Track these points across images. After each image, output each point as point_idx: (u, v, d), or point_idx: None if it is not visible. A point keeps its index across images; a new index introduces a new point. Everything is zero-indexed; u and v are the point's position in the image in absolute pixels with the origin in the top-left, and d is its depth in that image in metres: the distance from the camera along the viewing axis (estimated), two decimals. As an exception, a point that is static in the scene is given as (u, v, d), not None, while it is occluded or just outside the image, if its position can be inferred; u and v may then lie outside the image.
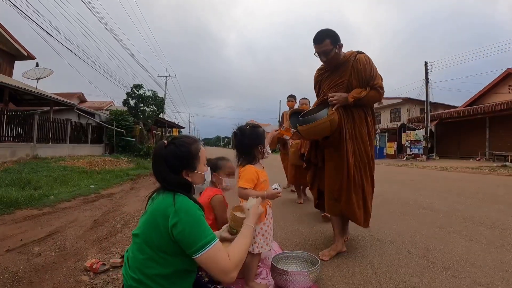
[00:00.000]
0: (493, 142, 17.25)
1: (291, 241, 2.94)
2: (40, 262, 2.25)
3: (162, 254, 1.23)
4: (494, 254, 2.62)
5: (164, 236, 1.22)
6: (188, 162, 1.37)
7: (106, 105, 26.78)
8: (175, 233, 1.20)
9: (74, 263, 2.26)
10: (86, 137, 14.02)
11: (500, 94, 18.93)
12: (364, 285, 2.03)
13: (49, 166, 7.94)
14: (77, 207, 4.17)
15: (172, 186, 1.32)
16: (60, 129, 12.07)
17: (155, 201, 1.31)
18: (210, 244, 1.21)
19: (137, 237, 1.28)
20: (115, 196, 5.21)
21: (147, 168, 10.84)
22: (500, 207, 4.59)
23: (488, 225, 3.56)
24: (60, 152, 11.46)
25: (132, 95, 19.84)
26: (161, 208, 1.25)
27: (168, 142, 1.38)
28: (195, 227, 1.21)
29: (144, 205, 1.45)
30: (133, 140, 16.23)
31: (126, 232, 3.15)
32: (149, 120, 20.86)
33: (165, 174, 1.33)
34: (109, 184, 6.59)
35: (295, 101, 5.41)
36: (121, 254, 2.44)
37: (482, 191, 6.38)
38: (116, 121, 15.56)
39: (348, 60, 2.45)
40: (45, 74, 12.58)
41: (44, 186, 5.52)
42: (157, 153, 1.38)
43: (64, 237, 2.86)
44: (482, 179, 9.04)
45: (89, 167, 9.12)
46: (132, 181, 7.42)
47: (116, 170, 9.16)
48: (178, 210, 1.22)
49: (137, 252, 1.26)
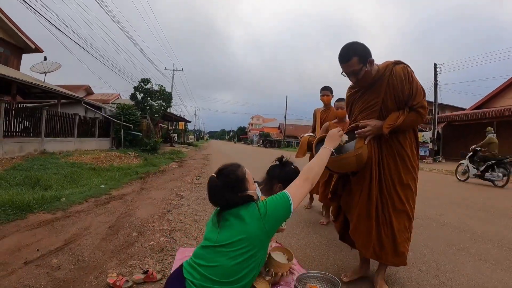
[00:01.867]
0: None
1: (307, 254, 3.01)
2: (61, 277, 2.27)
3: (252, 258, 1.50)
4: (501, 275, 2.68)
5: (261, 237, 1.52)
6: (240, 186, 1.60)
7: (113, 98, 26.86)
8: (275, 221, 1.54)
9: (95, 277, 2.29)
10: (93, 131, 14.09)
11: (508, 98, 18.75)
12: None
13: (57, 163, 8.00)
14: (90, 211, 4.21)
15: (238, 204, 1.56)
16: (68, 123, 12.13)
17: (237, 216, 1.53)
18: (288, 196, 1.58)
19: (224, 247, 1.48)
20: (126, 198, 5.25)
21: (155, 164, 10.89)
22: (508, 223, 4.59)
23: (495, 243, 3.59)
24: (67, 147, 11.53)
25: (140, 89, 19.85)
26: (252, 217, 1.51)
27: (216, 174, 1.61)
28: (278, 203, 1.56)
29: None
30: (140, 135, 16.32)
31: (142, 241, 3.19)
32: (156, 115, 20.87)
33: (231, 197, 1.56)
34: (119, 184, 6.62)
35: (331, 95, 4.52)
36: (142, 269, 2.47)
37: (490, 203, 6.38)
38: (123, 115, 15.62)
39: (383, 76, 2.08)
40: (53, 68, 12.64)
41: (54, 185, 5.58)
42: (213, 185, 1.58)
43: (81, 247, 2.88)
44: (489, 189, 9.03)
45: (97, 163, 9.19)
46: (141, 180, 7.45)
47: (125, 167, 9.20)
48: (268, 207, 1.54)
49: (227, 260, 1.46)
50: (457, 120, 19.74)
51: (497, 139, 10.13)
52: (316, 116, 4.64)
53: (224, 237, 1.49)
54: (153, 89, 20.33)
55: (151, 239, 3.27)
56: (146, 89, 19.96)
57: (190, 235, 3.51)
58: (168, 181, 7.50)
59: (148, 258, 2.73)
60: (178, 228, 3.72)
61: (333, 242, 3.40)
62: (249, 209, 1.53)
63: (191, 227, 3.83)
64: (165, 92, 21.45)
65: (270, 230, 1.54)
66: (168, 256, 2.83)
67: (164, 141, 23.38)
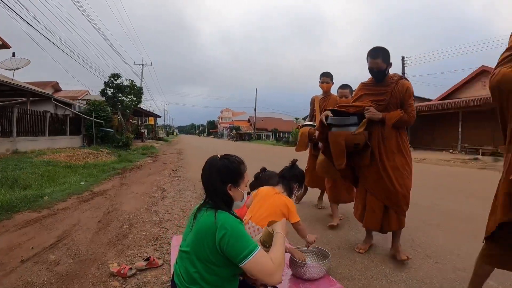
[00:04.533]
0: (465, 136, 18.24)
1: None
2: (63, 271, 2.29)
3: (212, 266, 1.39)
4: (469, 244, 3.06)
5: (213, 251, 1.37)
6: (235, 178, 1.55)
7: (81, 94, 25.81)
8: (223, 246, 1.35)
9: (97, 268, 2.34)
10: (64, 129, 13.59)
11: (473, 89, 19.87)
12: (364, 271, 2.44)
13: (32, 162, 7.72)
14: (75, 208, 4.18)
15: (218, 197, 1.49)
16: (39, 122, 11.65)
17: (200, 219, 1.45)
18: (254, 252, 1.34)
19: (187, 254, 1.43)
20: (109, 194, 5.23)
21: (130, 160, 10.77)
22: (473, 201, 5.05)
23: (463, 219, 3.99)
24: (39, 145, 11.10)
25: (110, 85, 19.26)
26: (206, 226, 1.40)
27: (221, 156, 1.57)
28: (238, 238, 1.36)
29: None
30: (111, 131, 15.95)
31: (135, 232, 3.25)
32: (128, 111, 20.42)
33: (217, 184, 1.50)
34: (98, 180, 6.56)
35: (331, 82, 4.16)
36: (142, 257, 2.55)
37: (457, 185, 6.90)
38: (94, 111, 15.18)
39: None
40: (22, 64, 12.07)
41: (33, 184, 5.43)
42: (212, 163, 1.55)
43: (75, 242, 2.90)
44: (456, 173, 9.69)
45: (72, 161, 8.96)
46: (120, 176, 7.39)
47: (100, 164, 9.03)
48: (221, 226, 1.37)
49: (190, 266, 1.41)
50: (424, 110, 20.64)
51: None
52: (314, 103, 4.31)
53: (188, 242, 1.46)
54: (124, 84, 19.82)
55: (143, 230, 3.34)
56: (117, 85, 19.38)
57: (180, 224, 3.62)
58: (147, 176, 7.51)
59: (145, 247, 2.82)
60: (167, 219, 3.81)
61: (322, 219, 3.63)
62: (208, 216, 1.43)
63: (179, 216, 3.93)
64: (136, 87, 20.95)
65: (220, 251, 1.38)
66: (164, 243, 2.93)
67: (135, 137, 22.94)
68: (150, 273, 2.28)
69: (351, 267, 2.51)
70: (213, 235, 1.37)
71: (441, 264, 2.58)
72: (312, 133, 3.89)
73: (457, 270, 2.47)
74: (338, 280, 2.24)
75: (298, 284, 2.15)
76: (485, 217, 1.72)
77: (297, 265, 2.20)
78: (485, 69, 19.15)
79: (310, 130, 4.00)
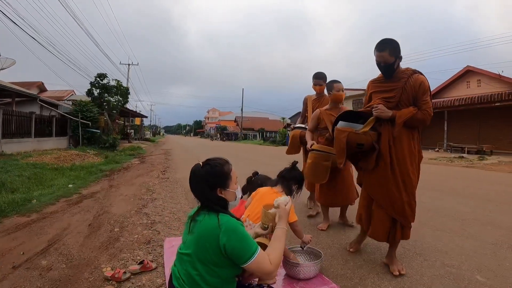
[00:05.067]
0: (450, 134, 18.74)
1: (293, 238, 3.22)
2: (56, 277, 2.26)
3: (214, 268, 1.43)
4: (456, 241, 3.17)
5: (217, 253, 1.41)
6: (222, 181, 1.55)
7: (67, 95, 25.30)
8: (228, 249, 1.39)
9: (90, 273, 2.32)
10: (50, 130, 13.33)
11: (458, 89, 20.28)
12: (356, 269, 2.50)
13: (18, 164, 7.55)
14: (65, 211, 4.12)
15: (212, 203, 1.50)
16: (25, 123, 11.39)
17: (201, 223, 1.47)
18: (256, 253, 1.41)
19: (188, 256, 1.46)
20: (98, 196, 5.17)
21: (117, 162, 10.65)
22: (459, 200, 5.18)
23: (450, 216, 4.08)
24: (25, 147, 10.87)
25: (96, 85, 18.97)
26: (209, 230, 1.43)
27: (203, 163, 1.56)
28: (242, 241, 1.41)
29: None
30: (98, 132, 15.75)
31: (126, 235, 3.23)
32: (114, 111, 20.17)
33: (206, 192, 1.52)
34: (86, 182, 6.47)
35: (325, 84, 3.96)
36: (136, 260, 2.54)
37: (443, 183, 7.07)
38: (80, 112, 14.96)
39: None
40: (7, 64, 11.77)
41: (20, 187, 5.33)
42: (196, 173, 1.54)
43: (67, 246, 2.87)
44: (442, 171, 9.91)
45: (59, 163, 8.80)
46: (108, 178, 7.31)
47: (88, 166, 8.90)
48: (226, 229, 1.40)
49: (191, 268, 1.44)
50: (411, 109, 21.04)
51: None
52: (306, 103, 4.22)
53: (188, 245, 1.48)
54: (110, 84, 19.55)
55: (134, 233, 3.32)
56: (103, 85, 19.09)
57: (171, 226, 3.62)
58: (135, 177, 7.44)
59: (137, 250, 2.81)
60: (158, 221, 3.80)
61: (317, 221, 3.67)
62: (210, 219, 1.45)
63: (170, 218, 3.92)
64: (122, 87, 20.68)
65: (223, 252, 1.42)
66: (156, 246, 2.93)
67: (121, 137, 22.69)
68: (145, 276, 2.28)
69: (343, 265, 2.56)
70: (217, 237, 1.40)
71: (430, 261, 2.65)
72: (304, 135, 3.80)
73: (445, 266, 2.55)
74: (331, 279, 2.29)
75: (293, 284, 2.19)
76: (470, 214, 1.78)
77: (291, 265, 2.25)
78: (470, 69, 19.64)
79: (301, 133, 3.93)
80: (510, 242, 3.15)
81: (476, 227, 3.64)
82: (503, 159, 13.09)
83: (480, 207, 4.62)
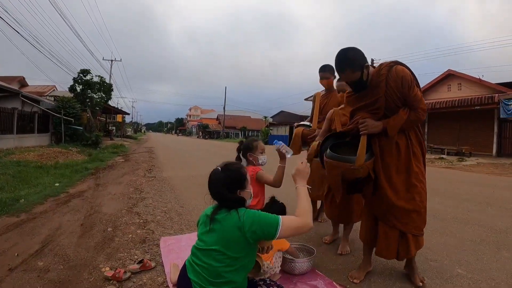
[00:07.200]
0: (431, 136, 19.39)
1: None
2: (55, 278, 2.26)
3: (236, 261, 1.60)
4: (438, 238, 3.38)
5: (242, 245, 1.59)
6: (241, 183, 1.72)
7: (48, 90, 24.55)
8: (254, 235, 1.56)
9: (89, 274, 2.34)
10: (32, 127, 13.00)
11: (440, 92, 20.81)
12: (347, 264, 2.65)
13: (1, 162, 7.38)
14: (54, 211, 4.08)
15: (230, 203, 1.66)
16: (6, 119, 11.06)
17: (225, 221, 1.62)
18: (279, 221, 1.58)
19: (215, 251, 1.59)
20: (86, 195, 5.13)
21: (101, 160, 10.48)
22: (440, 200, 5.43)
23: (432, 216, 4.28)
24: (7, 144, 10.57)
25: (79, 81, 18.61)
26: (232, 225, 1.58)
27: (222, 168, 1.72)
28: (262, 221, 1.58)
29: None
30: (81, 129, 15.49)
31: (120, 235, 3.25)
32: (97, 108, 19.86)
33: (225, 194, 1.66)
34: (72, 181, 6.37)
35: (333, 76, 3.57)
36: (133, 260, 2.58)
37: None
38: (63, 108, 14.63)
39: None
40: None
41: (6, 186, 5.21)
42: (215, 177, 1.71)
43: (61, 247, 2.86)
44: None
45: (42, 161, 8.62)
46: (94, 176, 7.22)
47: (72, 164, 8.75)
48: (247, 218, 1.58)
49: (215, 262, 1.58)
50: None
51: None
52: (315, 101, 3.75)
53: (211, 241, 1.61)
54: (93, 80, 19.21)
55: (128, 232, 3.35)
56: (86, 81, 18.80)
57: (165, 225, 3.67)
58: (121, 176, 7.40)
59: (134, 250, 2.85)
60: (150, 220, 3.83)
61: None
62: (231, 216, 1.60)
63: (162, 218, 3.96)
64: (106, 84, 20.38)
65: (251, 240, 1.58)
66: (152, 245, 2.97)
67: (104, 135, 22.35)
68: (145, 275, 2.33)
69: (334, 261, 2.70)
70: (240, 229, 1.56)
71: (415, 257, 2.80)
72: (307, 134, 3.51)
73: (429, 261, 2.73)
74: (324, 274, 2.42)
75: (290, 278, 2.32)
76: (450, 214, 1.92)
77: (287, 261, 2.36)
78: (451, 73, 20.25)
79: (304, 131, 3.58)
80: (488, 239, 3.38)
81: (456, 226, 3.88)
82: (481, 161, 13.62)
83: (459, 207, 4.88)
